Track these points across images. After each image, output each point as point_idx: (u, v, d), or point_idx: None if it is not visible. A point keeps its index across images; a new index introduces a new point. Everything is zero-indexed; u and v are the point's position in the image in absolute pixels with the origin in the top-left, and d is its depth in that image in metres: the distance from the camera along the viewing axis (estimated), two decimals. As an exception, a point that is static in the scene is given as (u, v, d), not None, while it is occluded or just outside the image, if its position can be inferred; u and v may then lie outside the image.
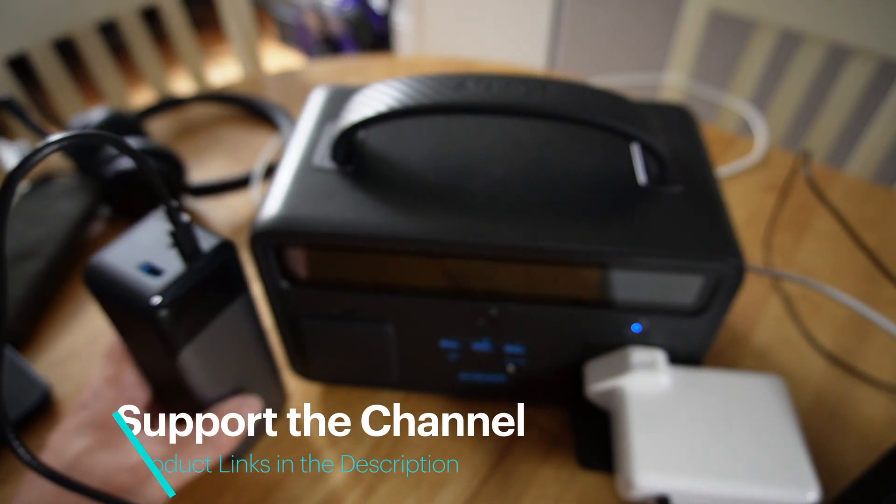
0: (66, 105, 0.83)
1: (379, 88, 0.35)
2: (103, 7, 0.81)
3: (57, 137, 0.23)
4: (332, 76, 0.85)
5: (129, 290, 0.29)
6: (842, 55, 0.78)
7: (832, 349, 0.48)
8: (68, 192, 0.57)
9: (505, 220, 0.33)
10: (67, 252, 0.53)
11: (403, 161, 0.36)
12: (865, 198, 0.62)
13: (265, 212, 0.34)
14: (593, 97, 0.34)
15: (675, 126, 0.40)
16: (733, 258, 0.32)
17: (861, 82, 0.77)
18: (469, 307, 0.36)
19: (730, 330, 0.49)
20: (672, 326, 0.36)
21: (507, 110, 0.33)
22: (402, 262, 0.35)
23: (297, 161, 0.37)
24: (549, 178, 0.35)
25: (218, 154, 0.69)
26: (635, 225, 0.33)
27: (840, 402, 0.44)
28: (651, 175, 0.36)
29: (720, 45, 1.08)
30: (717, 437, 0.35)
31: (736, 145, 0.70)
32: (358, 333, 0.38)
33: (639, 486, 0.34)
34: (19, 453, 0.26)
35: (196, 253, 0.30)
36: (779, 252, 0.57)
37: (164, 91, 0.91)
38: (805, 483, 0.34)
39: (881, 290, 0.53)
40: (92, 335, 0.49)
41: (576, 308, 0.36)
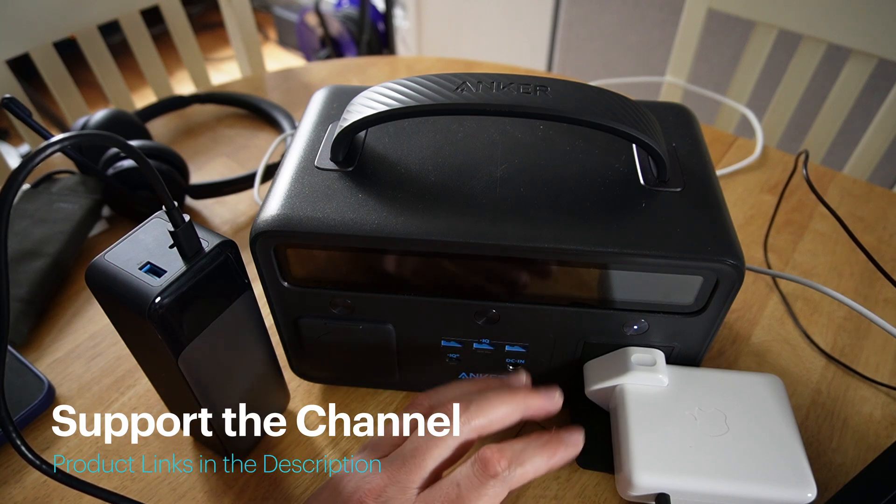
0: (68, 106, 0.83)
1: (379, 90, 0.35)
2: (106, 9, 0.81)
3: (59, 138, 0.23)
4: (332, 76, 0.85)
5: (130, 290, 0.29)
6: (840, 56, 0.78)
7: (830, 349, 0.48)
8: (70, 193, 0.57)
9: (505, 220, 0.33)
10: (70, 252, 0.54)
11: (404, 161, 0.37)
12: (863, 198, 0.63)
13: (266, 212, 0.34)
14: (593, 98, 0.34)
15: (675, 126, 0.40)
16: (733, 258, 0.32)
17: (859, 83, 0.77)
18: (469, 307, 0.37)
19: (729, 330, 0.50)
20: (671, 326, 0.36)
21: (508, 111, 0.33)
22: (402, 262, 0.35)
23: (298, 161, 0.37)
24: (549, 178, 0.35)
25: (219, 154, 0.70)
26: (635, 225, 0.33)
27: (838, 402, 0.45)
28: (651, 175, 0.36)
29: (719, 47, 1.08)
30: (715, 436, 0.36)
31: (735, 146, 0.70)
32: (358, 333, 0.39)
33: (638, 485, 0.34)
34: (23, 451, 0.26)
35: (197, 253, 0.30)
36: (777, 252, 0.57)
37: (167, 92, 0.91)
38: (803, 482, 0.34)
39: (879, 290, 0.53)
40: (94, 335, 0.49)
41: (576, 308, 0.36)
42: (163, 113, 0.74)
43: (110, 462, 0.41)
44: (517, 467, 0.31)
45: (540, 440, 0.32)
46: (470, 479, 0.30)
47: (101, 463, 0.41)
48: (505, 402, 0.33)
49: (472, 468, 0.31)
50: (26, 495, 0.39)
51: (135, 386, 0.45)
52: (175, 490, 0.39)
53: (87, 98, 0.85)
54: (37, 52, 0.77)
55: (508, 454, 0.31)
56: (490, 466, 0.30)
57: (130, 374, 0.46)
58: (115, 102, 0.87)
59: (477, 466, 0.30)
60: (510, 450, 0.31)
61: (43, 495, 0.39)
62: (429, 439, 0.32)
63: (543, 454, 0.32)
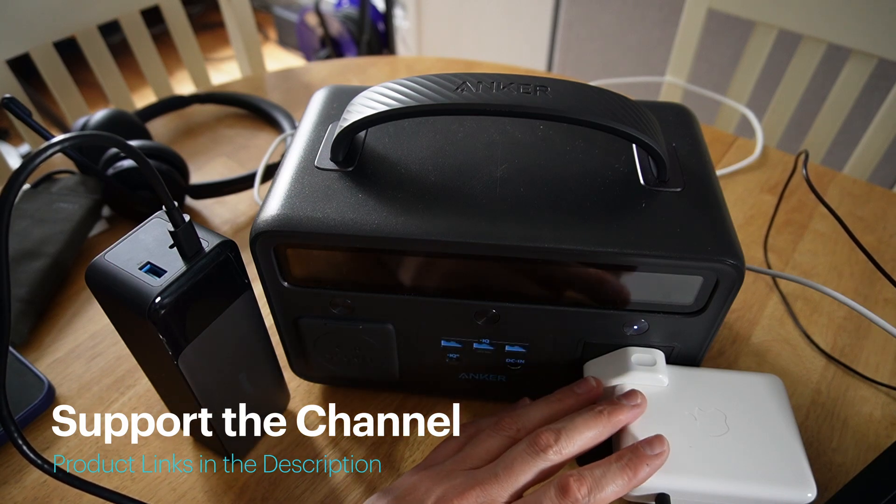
0: (68, 106, 0.83)
1: (379, 90, 0.35)
2: (106, 9, 0.81)
3: (60, 138, 0.23)
4: (332, 76, 0.85)
5: (130, 290, 0.29)
6: (840, 56, 0.78)
7: (830, 349, 0.48)
8: (70, 193, 0.57)
9: (505, 220, 0.33)
10: (70, 252, 0.54)
11: (404, 161, 0.37)
12: (863, 198, 0.63)
13: (266, 212, 0.34)
14: (593, 98, 0.34)
15: (675, 126, 0.40)
16: (733, 258, 0.32)
17: (859, 83, 0.77)
18: (469, 307, 0.37)
19: (729, 330, 0.50)
20: (671, 326, 0.36)
21: (508, 111, 0.33)
22: (402, 262, 0.35)
23: (298, 161, 0.37)
24: (549, 178, 0.35)
25: (219, 154, 0.70)
26: (635, 225, 0.33)
27: (838, 402, 0.45)
28: (651, 175, 0.36)
29: (719, 47, 1.08)
30: (715, 436, 0.36)
31: (735, 146, 0.70)
32: (358, 334, 0.39)
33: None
34: (24, 450, 0.26)
35: (197, 253, 0.30)
36: (777, 252, 0.57)
37: (167, 92, 0.91)
38: (803, 482, 0.34)
39: (879, 290, 0.53)
40: (94, 335, 0.49)
41: (576, 308, 0.36)
42: (163, 113, 0.74)
43: (110, 462, 0.41)
44: (597, 492, 0.32)
45: (620, 462, 0.33)
46: (552, 501, 0.31)
47: (101, 463, 0.41)
48: (591, 428, 0.35)
49: (553, 491, 0.32)
50: (26, 495, 0.39)
51: (135, 386, 0.45)
52: (175, 490, 0.39)
53: (87, 98, 0.85)
54: (37, 52, 0.77)
55: (588, 482, 0.32)
56: (570, 494, 0.31)
57: (130, 374, 0.46)
58: (115, 102, 0.87)
59: (557, 491, 0.32)
60: (590, 477, 0.32)
61: (43, 495, 0.39)
62: (524, 460, 0.33)
63: (623, 476, 0.33)
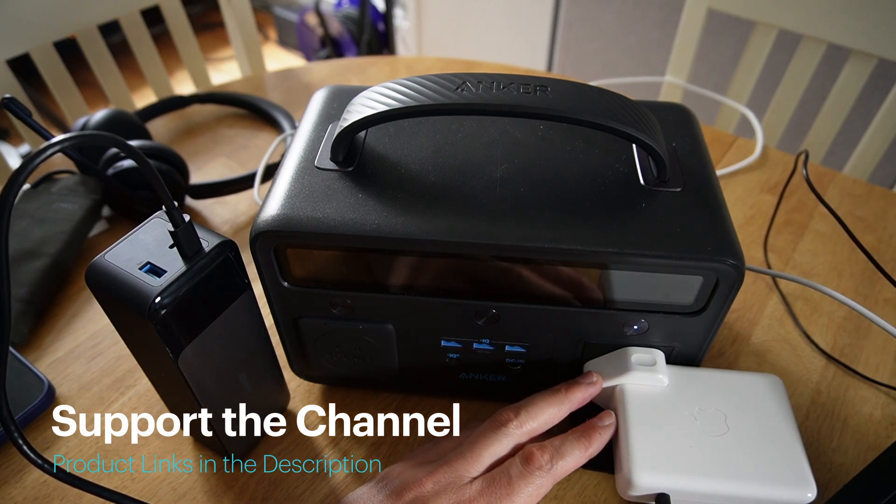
0: (68, 106, 0.83)
1: (379, 90, 0.35)
2: (106, 9, 0.81)
3: (60, 138, 0.23)
4: (332, 76, 0.85)
5: (130, 290, 0.29)
6: (840, 56, 0.78)
7: (830, 349, 0.48)
8: (70, 193, 0.57)
9: (505, 220, 0.33)
10: (70, 252, 0.54)
11: (404, 161, 0.37)
12: (863, 198, 0.63)
13: (266, 212, 0.34)
14: (593, 98, 0.34)
15: (675, 126, 0.40)
16: (733, 258, 0.32)
17: (859, 83, 0.77)
18: (469, 307, 0.37)
19: (729, 330, 0.50)
20: (671, 326, 0.36)
21: (508, 111, 0.33)
22: (402, 262, 0.35)
23: (298, 161, 0.37)
24: (549, 178, 0.35)
25: (219, 154, 0.70)
26: (635, 225, 0.33)
27: (838, 402, 0.45)
28: (651, 175, 0.36)
29: (719, 47, 1.08)
30: (715, 436, 0.36)
31: (735, 146, 0.70)
32: (358, 333, 0.39)
33: (638, 485, 0.34)
34: (24, 450, 0.26)
35: (197, 253, 0.30)
36: (777, 252, 0.57)
37: (167, 92, 0.91)
38: (803, 482, 0.34)
39: (879, 290, 0.53)
40: (94, 335, 0.49)
41: (576, 308, 0.36)
42: (163, 113, 0.74)
43: (110, 462, 0.41)
44: (558, 460, 0.35)
45: (576, 433, 0.37)
46: (518, 469, 0.34)
47: (101, 463, 0.41)
48: (550, 404, 0.38)
49: (519, 460, 0.35)
50: (26, 495, 0.39)
51: (135, 386, 0.45)
52: (175, 490, 0.39)
53: (87, 98, 0.85)
54: (37, 52, 0.77)
55: (550, 451, 0.35)
56: (534, 460, 0.35)
57: (130, 374, 0.46)
58: (115, 102, 0.87)
59: (522, 460, 0.35)
60: (551, 447, 0.36)
61: (43, 495, 0.39)
62: (486, 436, 0.36)
63: (580, 445, 0.36)
